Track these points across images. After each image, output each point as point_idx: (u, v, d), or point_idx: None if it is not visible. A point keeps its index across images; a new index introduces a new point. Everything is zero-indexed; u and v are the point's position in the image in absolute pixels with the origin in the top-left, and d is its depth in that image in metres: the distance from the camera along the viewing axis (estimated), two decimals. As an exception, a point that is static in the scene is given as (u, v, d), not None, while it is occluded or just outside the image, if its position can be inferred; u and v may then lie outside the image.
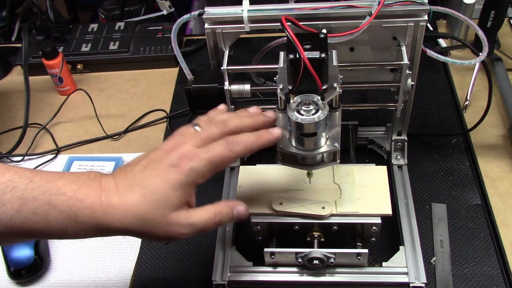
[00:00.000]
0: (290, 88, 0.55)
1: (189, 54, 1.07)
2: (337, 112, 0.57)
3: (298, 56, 0.52)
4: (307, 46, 0.53)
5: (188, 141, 0.52)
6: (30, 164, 0.88)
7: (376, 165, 0.68)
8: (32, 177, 0.48)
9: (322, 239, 0.64)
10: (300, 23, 0.58)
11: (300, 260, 0.63)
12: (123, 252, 0.75)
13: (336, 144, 0.56)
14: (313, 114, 0.53)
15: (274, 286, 0.66)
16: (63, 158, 0.89)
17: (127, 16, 1.22)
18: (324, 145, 0.56)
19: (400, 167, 0.78)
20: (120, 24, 1.09)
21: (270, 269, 0.65)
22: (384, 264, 0.65)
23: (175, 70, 1.04)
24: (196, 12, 0.64)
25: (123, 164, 0.86)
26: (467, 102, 0.89)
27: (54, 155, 0.90)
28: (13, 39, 1.22)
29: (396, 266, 0.65)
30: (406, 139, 0.77)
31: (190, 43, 1.09)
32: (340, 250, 0.62)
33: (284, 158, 0.59)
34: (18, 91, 1.02)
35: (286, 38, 0.53)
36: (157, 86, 1.02)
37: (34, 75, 1.01)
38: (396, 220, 0.70)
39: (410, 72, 0.66)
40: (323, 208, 0.62)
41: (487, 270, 0.68)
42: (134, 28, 1.08)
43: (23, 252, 0.71)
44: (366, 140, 0.82)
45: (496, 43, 0.97)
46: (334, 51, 0.59)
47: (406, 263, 0.65)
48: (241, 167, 0.69)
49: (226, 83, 0.66)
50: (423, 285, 0.63)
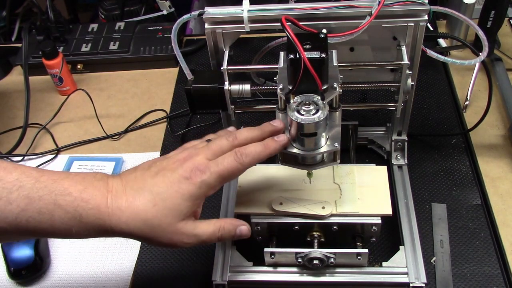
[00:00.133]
0: (290, 88, 0.55)
1: (189, 54, 1.07)
2: (337, 112, 0.57)
3: (298, 56, 0.52)
4: (307, 46, 0.53)
5: (201, 153, 0.53)
6: (30, 164, 0.88)
7: (376, 165, 0.68)
8: (38, 176, 0.49)
9: (322, 239, 0.64)
10: (300, 23, 0.58)
11: (300, 260, 0.63)
12: (123, 252, 0.75)
13: (336, 144, 0.56)
14: (313, 114, 0.53)
15: (274, 286, 0.66)
16: (63, 158, 0.89)
17: (127, 16, 1.22)
18: (324, 145, 0.56)
19: (400, 167, 0.78)
20: (120, 24, 1.09)
21: (270, 269, 0.65)
22: (384, 264, 0.65)
23: (175, 70, 1.04)
24: (196, 12, 0.64)
25: (124, 164, 0.86)
26: (467, 102, 0.89)
27: (54, 155, 0.90)
28: (13, 39, 1.22)
29: (396, 266, 0.64)
30: (406, 139, 0.77)
31: (190, 43, 1.09)
32: (340, 250, 0.62)
33: (284, 158, 0.59)
34: (18, 91, 1.02)
35: (286, 38, 0.53)
36: (157, 86, 1.02)
37: (34, 75, 1.01)
38: (396, 220, 0.70)
39: (410, 72, 0.66)
40: (323, 208, 0.62)
41: (487, 270, 0.68)
42: (134, 28, 1.08)
43: (23, 252, 0.71)
44: (366, 140, 0.82)
45: (496, 43, 0.97)
46: (334, 51, 0.59)
47: (406, 263, 0.65)
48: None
49: (226, 83, 0.65)
50: (423, 285, 0.63)
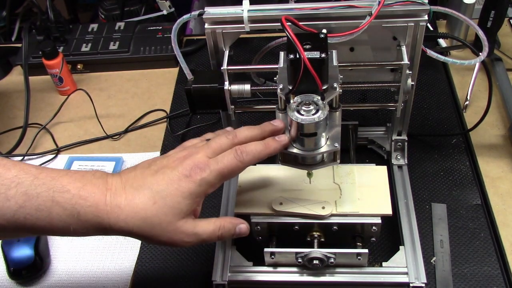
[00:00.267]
0: (290, 88, 0.55)
1: (189, 54, 1.07)
2: (337, 112, 0.57)
3: (298, 56, 0.52)
4: (307, 46, 0.53)
5: (200, 151, 0.53)
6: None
7: (376, 165, 0.68)
8: (37, 173, 0.49)
9: (322, 239, 0.64)
10: (300, 23, 0.58)
11: (300, 260, 0.63)
12: (123, 252, 0.75)
13: (336, 144, 0.56)
14: (313, 114, 0.53)
15: (274, 286, 0.66)
16: (63, 158, 0.89)
17: (127, 16, 1.22)
18: (324, 145, 0.56)
19: (400, 167, 0.78)
20: (120, 24, 1.09)
21: (270, 269, 0.65)
22: (384, 264, 0.65)
23: (175, 70, 1.04)
24: (196, 12, 0.64)
25: (124, 164, 0.86)
26: (467, 102, 0.89)
27: (54, 155, 0.90)
28: (13, 39, 1.22)
29: (396, 266, 0.64)
30: (406, 139, 0.77)
31: (190, 43, 1.09)
32: (340, 250, 0.62)
33: (284, 158, 0.59)
34: (18, 91, 1.02)
35: (286, 38, 0.53)
36: (157, 86, 1.02)
37: (34, 75, 1.01)
38: (396, 220, 0.70)
39: (410, 72, 0.66)
40: (323, 208, 0.62)
41: (487, 270, 0.68)
42: (134, 28, 1.08)
43: (23, 252, 0.71)
44: (366, 140, 0.82)
45: (496, 43, 0.97)
46: (334, 51, 0.59)
47: (406, 263, 0.65)
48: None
49: (226, 83, 0.65)
50: (423, 285, 0.63)
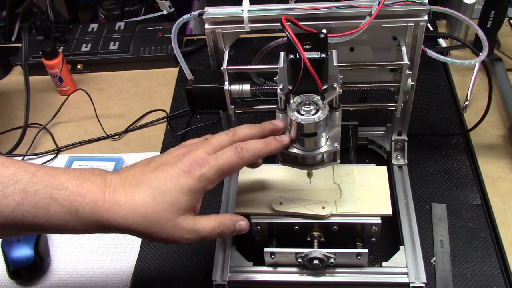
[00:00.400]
0: (290, 88, 0.55)
1: (189, 54, 1.07)
2: (337, 112, 0.57)
3: (298, 56, 0.52)
4: (307, 46, 0.53)
5: (200, 148, 0.53)
6: (30, 164, 0.88)
7: (376, 165, 0.68)
8: (35, 171, 0.49)
9: (322, 239, 0.64)
10: (300, 23, 0.58)
11: (300, 260, 0.63)
12: (123, 252, 0.75)
13: (336, 144, 0.56)
14: (313, 114, 0.53)
15: (274, 286, 0.66)
16: (63, 158, 0.89)
17: (127, 16, 1.22)
18: (324, 145, 0.56)
19: (400, 167, 0.78)
20: (120, 24, 1.09)
21: (270, 269, 0.65)
22: (384, 264, 0.65)
23: (175, 70, 1.04)
24: (196, 12, 0.64)
25: (124, 164, 0.86)
26: (467, 102, 0.89)
27: (54, 155, 0.90)
28: (13, 39, 1.22)
29: (396, 266, 0.64)
30: (406, 139, 0.77)
31: (190, 43, 1.09)
32: (340, 250, 0.62)
33: (284, 158, 0.59)
34: (18, 91, 1.02)
35: (286, 38, 0.53)
36: (157, 86, 1.02)
37: (34, 75, 1.01)
38: (396, 220, 0.70)
39: (410, 72, 0.66)
40: (323, 208, 0.62)
41: (487, 270, 0.68)
42: (134, 28, 1.08)
43: (23, 252, 0.71)
44: (366, 140, 0.82)
45: (496, 43, 0.97)
46: (334, 51, 0.59)
47: (406, 263, 0.65)
48: (241, 167, 0.69)
49: (226, 83, 0.65)
50: (423, 285, 0.63)
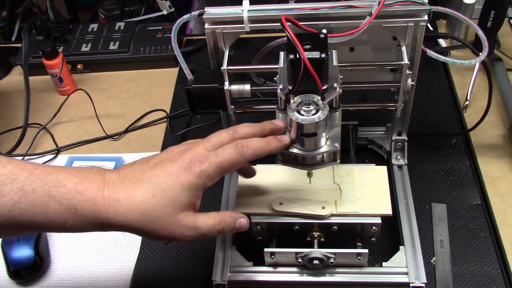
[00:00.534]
0: (290, 88, 0.55)
1: (189, 54, 1.07)
2: (337, 112, 0.57)
3: (298, 56, 0.52)
4: (307, 46, 0.53)
5: (200, 144, 0.53)
6: (30, 164, 0.88)
7: (376, 165, 0.68)
8: (32, 169, 0.48)
9: (322, 239, 0.64)
10: (300, 23, 0.58)
11: (300, 260, 0.63)
12: (123, 252, 0.75)
13: (336, 144, 0.56)
14: (313, 114, 0.53)
15: (274, 286, 0.66)
16: (63, 158, 0.89)
17: (127, 16, 1.22)
18: (324, 145, 0.56)
19: (400, 167, 0.78)
20: (120, 24, 1.09)
21: (270, 269, 0.65)
22: (384, 264, 0.65)
23: (175, 70, 1.04)
24: (196, 12, 0.64)
25: (123, 164, 0.86)
26: (467, 102, 0.89)
27: (54, 155, 0.90)
28: (13, 39, 1.22)
29: (396, 266, 0.64)
30: (406, 139, 0.77)
31: (190, 43, 1.09)
32: (340, 250, 0.62)
33: (284, 158, 0.59)
34: (18, 91, 1.02)
35: (286, 38, 0.53)
36: (157, 86, 1.02)
37: (34, 75, 1.01)
38: (396, 220, 0.70)
39: (410, 72, 0.66)
40: (323, 208, 0.62)
41: (487, 270, 0.68)
42: (134, 28, 1.08)
43: (23, 252, 0.71)
44: (366, 140, 0.82)
45: (496, 43, 0.97)
46: (334, 51, 0.59)
47: (406, 263, 0.65)
48: (241, 167, 0.69)
49: (226, 83, 0.65)
50: (423, 285, 0.63)
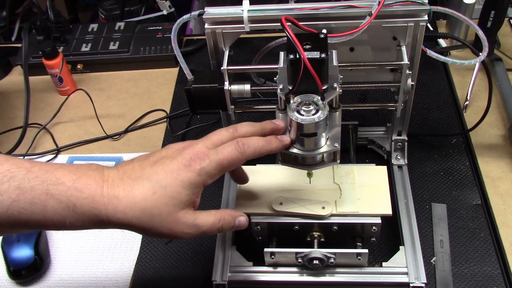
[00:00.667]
0: (290, 88, 0.55)
1: (189, 54, 1.07)
2: (337, 112, 0.57)
3: (298, 56, 0.52)
4: (307, 46, 0.53)
5: (200, 142, 0.53)
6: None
7: (376, 165, 0.68)
8: (30, 167, 0.48)
9: (322, 239, 0.64)
10: (300, 23, 0.58)
11: (300, 260, 0.63)
12: (123, 252, 0.75)
13: (336, 144, 0.56)
14: (313, 114, 0.53)
15: (274, 286, 0.66)
16: (63, 158, 0.89)
17: (127, 16, 1.22)
18: (324, 145, 0.56)
19: (400, 167, 0.78)
20: (120, 24, 1.09)
21: (270, 269, 0.65)
22: (384, 264, 0.65)
23: (175, 70, 1.04)
24: (196, 12, 0.64)
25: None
26: (467, 102, 0.89)
27: (54, 155, 0.90)
28: (13, 39, 1.22)
29: (396, 266, 0.64)
30: (406, 139, 0.77)
31: (190, 43, 1.09)
32: (340, 250, 0.62)
33: (284, 158, 0.59)
34: (18, 91, 1.02)
35: (286, 38, 0.53)
36: (157, 86, 1.02)
37: (34, 75, 1.01)
38: (396, 220, 0.70)
39: (410, 72, 0.66)
40: (323, 208, 0.62)
41: (487, 270, 0.68)
42: (134, 28, 1.08)
43: (23, 252, 0.71)
44: (366, 140, 0.82)
45: (496, 43, 0.97)
46: (334, 51, 0.59)
47: (406, 263, 0.65)
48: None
49: (226, 83, 0.65)
50: (423, 285, 0.63)
